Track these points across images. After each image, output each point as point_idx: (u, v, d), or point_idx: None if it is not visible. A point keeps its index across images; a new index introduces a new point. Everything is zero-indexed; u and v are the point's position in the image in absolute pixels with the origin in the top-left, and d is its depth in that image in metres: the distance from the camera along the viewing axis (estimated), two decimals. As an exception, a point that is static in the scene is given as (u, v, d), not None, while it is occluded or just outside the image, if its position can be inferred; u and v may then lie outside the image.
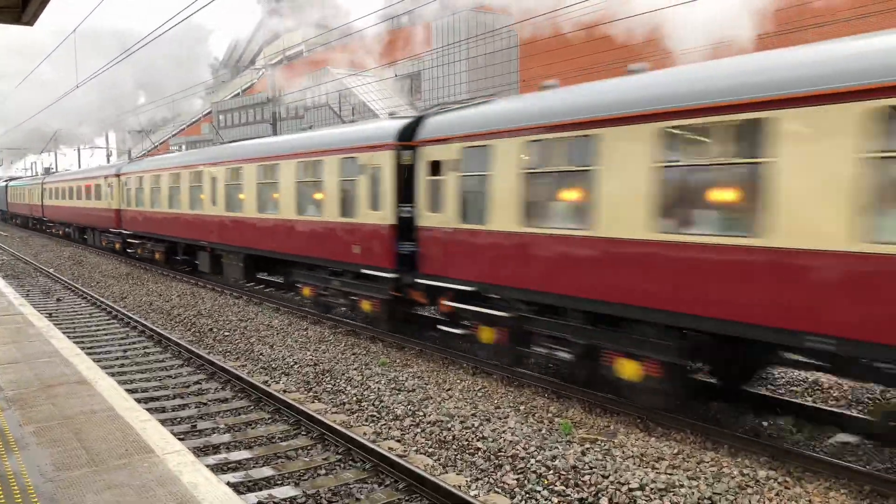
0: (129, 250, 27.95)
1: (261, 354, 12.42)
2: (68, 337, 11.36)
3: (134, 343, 13.65)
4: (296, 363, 11.71)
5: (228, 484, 6.35)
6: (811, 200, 6.73)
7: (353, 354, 12.24)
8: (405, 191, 12.32)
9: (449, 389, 10.08)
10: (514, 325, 10.16)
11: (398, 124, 12.65)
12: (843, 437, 8.02)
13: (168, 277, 23.14)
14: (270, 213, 16.41)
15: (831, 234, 6.58)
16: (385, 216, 12.59)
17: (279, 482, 7.09)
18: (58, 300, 18.83)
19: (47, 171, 64.66)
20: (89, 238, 34.48)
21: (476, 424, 8.49)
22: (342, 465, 7.53)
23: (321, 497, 6.74)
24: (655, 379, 8.27)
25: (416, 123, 12.29)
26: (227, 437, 8.35)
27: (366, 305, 13.35)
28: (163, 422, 8.01)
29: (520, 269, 9.92)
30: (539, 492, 6.72)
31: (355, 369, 11.23)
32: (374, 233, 12.89)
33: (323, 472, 7.37)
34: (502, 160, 10.08)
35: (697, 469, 7.15)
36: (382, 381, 10.47)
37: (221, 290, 19.72)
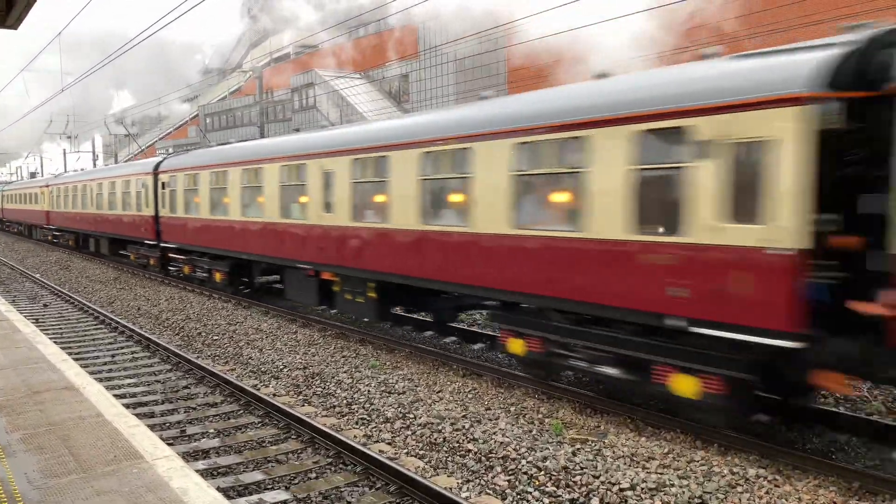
0: (54, 240, 38.18)
1: (250, 358, 12.37)
2: (55, 342, 11.28)
3: (122, 348, 13.57)
4: (285, 367, 11.67)
5: (218, 489, 6.31)
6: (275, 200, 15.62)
7: (343, 357, 12.21)
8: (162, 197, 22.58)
9: (439, 391, 10.08)
10: (192, 263, 20.53)
11: (157, 160, 23.77)
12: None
13: (156, 282, 23.03)
14: (112, 211, 27.17)
15: (276, 211, 15.51)
16: (150, 211, 22.89)
17: (269, 486, 7.06)
18: (44, 305, 18.69)
19: (32, 175, 66.37)
20: (35, 233, 44.44)
21: (467, 426, 8.49)
22: (333, 469, 7.51)
23: (312, 501, 6.72)
24: (224, 280, 18.57)
25: (162, 161, 23.05)
26: (216, 442, 8.30)
27: (152, 261, 23.97)
28: (151, 427, 7.97)
29: (189, 235, 20.28)
30: (530, 493, 6.73)
31: (345, 372, 11.20)
32: (147, 220, 23.24)
33: (313, 475, 7.34)
34: (180, 183, 20.71)
35: (688, 468, 7.18)
36: (372, 384, 10.46)
37: (210, 295, 19.64)
